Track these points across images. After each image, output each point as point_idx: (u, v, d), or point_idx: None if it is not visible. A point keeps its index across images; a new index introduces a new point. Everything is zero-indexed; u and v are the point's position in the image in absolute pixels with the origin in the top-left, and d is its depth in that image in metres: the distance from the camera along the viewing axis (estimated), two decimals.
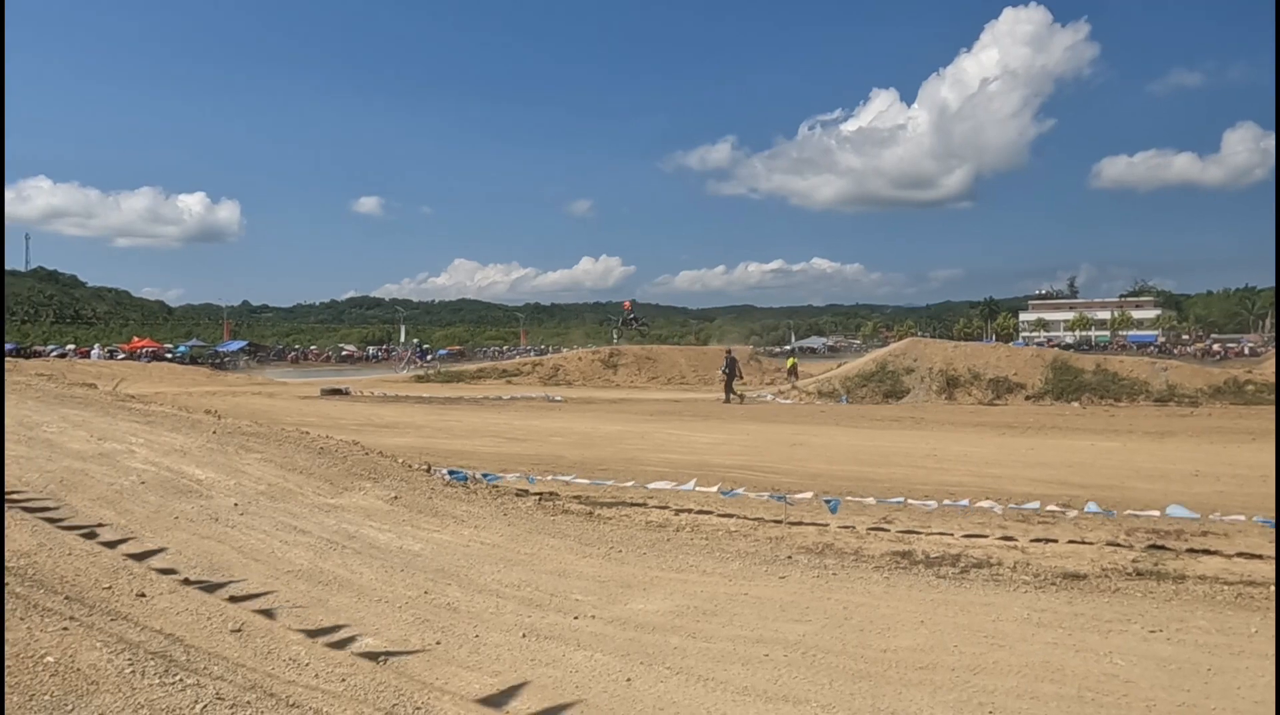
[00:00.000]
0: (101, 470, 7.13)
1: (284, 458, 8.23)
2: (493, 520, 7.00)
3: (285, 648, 4.04)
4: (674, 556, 6.19)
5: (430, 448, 12.39)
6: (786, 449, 13.54)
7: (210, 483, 7.11)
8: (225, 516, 6.27)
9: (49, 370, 19.63)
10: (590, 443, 14.22)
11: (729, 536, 6.94)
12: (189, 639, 4.06)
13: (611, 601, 5.03)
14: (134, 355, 58.56)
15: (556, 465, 10.97)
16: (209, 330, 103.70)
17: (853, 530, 7.26)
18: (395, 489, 7.61)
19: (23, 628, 4.02)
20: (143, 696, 3.41)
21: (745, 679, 3.89)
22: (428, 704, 3.51)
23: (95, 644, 3.91)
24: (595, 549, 6.30)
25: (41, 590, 4.50)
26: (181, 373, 41.32)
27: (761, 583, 5.55)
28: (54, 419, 9.12)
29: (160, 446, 8.17)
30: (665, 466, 11.09)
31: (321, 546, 5.81)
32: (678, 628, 4.58)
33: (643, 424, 17.90)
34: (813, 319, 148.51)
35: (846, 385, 27.91)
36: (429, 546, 6.04)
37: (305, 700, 3.46)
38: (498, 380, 39.76)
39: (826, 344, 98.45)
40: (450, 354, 74.14)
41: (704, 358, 42.85)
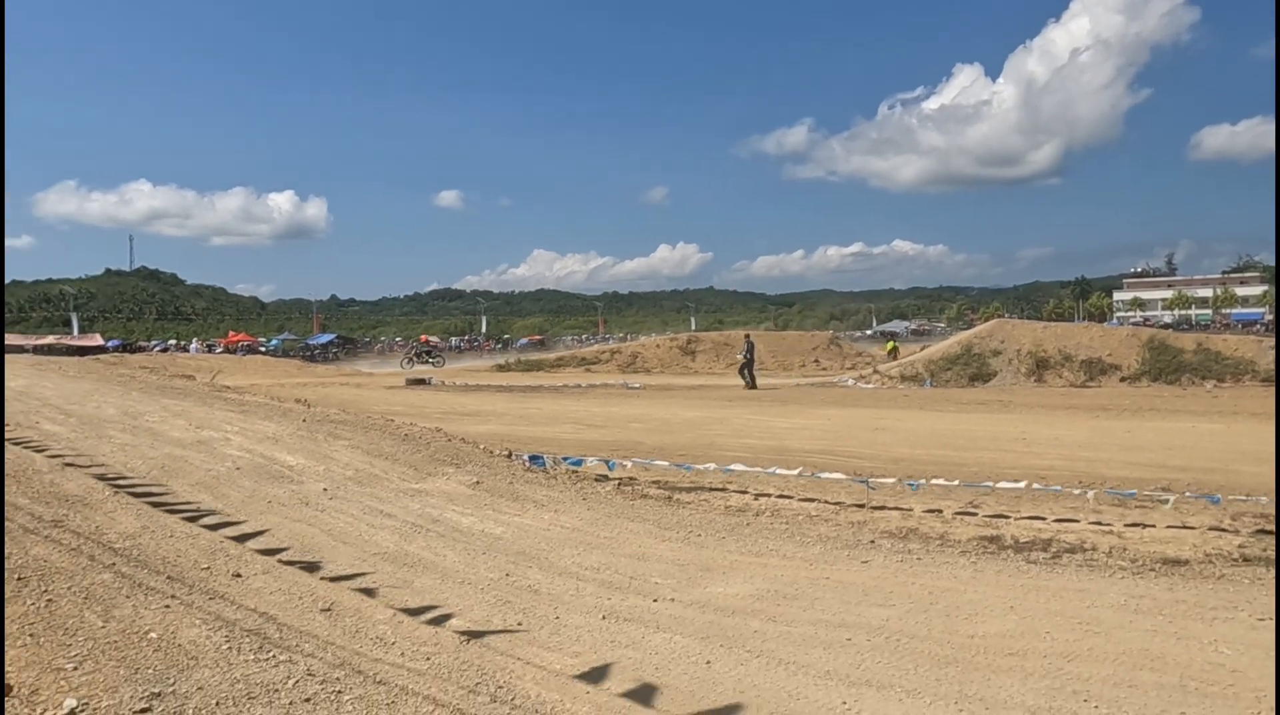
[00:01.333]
0: (200, 457, 7.44)
1: (370, 444, 8.45)
2: (572, 505, 7.05)
3: (372, 627, 4.14)
4: (753, 541, 6.14)
5: (511, 435, 12.56)
6: (868, 433, 13.30)
7: (301, 468, 7.34)
8: (315, 501, 6.47)
9: (151, 364, 20.61)
10: (669, 429, 14.21)
11: (810, 521, 6.85)
12: (281, 617, 4.20)
13: (691, 585, 5.02)
14: (230, 349, 61.05)
15: (635, 451, 10.99)
16: (300, 324, 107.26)
17: (938, 515, 7.09)
18: (477, 474, 7.74)
19: (128, 605, 4.22)
20: (239, 671, 3.54)
21: (827, 663, 3.83)
22: (510, 683, 3.56)
23: (195, 621, 4.08)
24: (674, 533, 6.29)
25: (145, 570, 4.71)
26: (274, 365, 42.85)
27: (843, 567, 5.46)
28: (156, 409, 9.55)
29: (254, 434, 8.47)
30: (744, 451, 11.02)
31: (407, 530, 5.95)
32: (758, 611, 4.54)
33: (721, 409, 17.82)
34: (895, 303, 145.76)
35: (930, 369, 27.26)
36: (510, 530, 6.13)
37: (392, 678, 3.55)
38: (576, 368, 40.10)
39: (909, 328, 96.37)
40: (529, 343, 75.06)
41: (783, 344, 42.48)
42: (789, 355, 40.60)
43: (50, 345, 42.21)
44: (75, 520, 5.48)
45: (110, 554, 4.90)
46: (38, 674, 3.40)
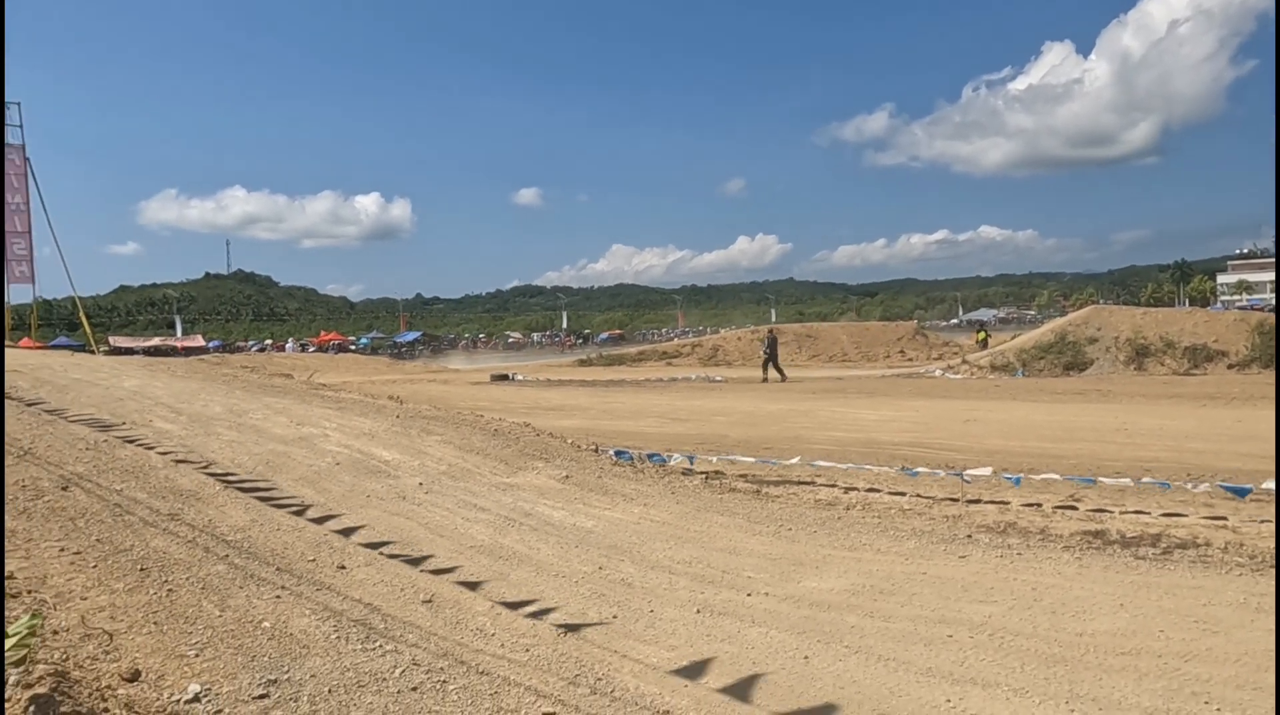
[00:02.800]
0: (301, 452, 7.71)
1: (462, 439, 8.63)
2: (661, 498, 7.08)
3: (472, 618, 4.24)
4: (845, 535, 6.06)
5: (595, 429, 12.66)
6: (959, 425, 12.98)
7: (396, 463, 7.55)
8: (411, 495, 6.65)
9: (251, 363, 21.45)
10: (753, 422, 14.13)
11: (902, 514, 6.73)
12: (385, 608, 4.32)
13: (784, 579, 4.99)
14: (322, 348, 63.12)
15: (720, 444, 10.96)
16: (387, 322, 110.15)
17: (1037, 508, 6.88)
18: (566, 468, 7.83)
19: (242, 595, 4.41)
20: (348, 660, 3.66)
21: (928, 660, 3.76)
22: (608, 675, 3.59)
23: (304, 611, 4.23)
24: (764, 527, 6.26)
25: (256, 561, 4.91)
26: (365, 362, 44.14)
27: (940, 562, 5.35)
28: (258, 407, 9.93)
29: (351, 430, 8.74)
30: (831, 444, 10.88)
31: (500, 523, 6.06)
32: (854, 606, 4.48)
33: (806, 402, 17.62)
34: (981, 290, 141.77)
35: (1022, 358, 26.46)
36: (601, 523, 6.18)
37: (493, 668, 3.62)
38: (658, 362, 40.22)
39: (997, 316, 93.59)
40: (610, 338, 75.50)
41: (866, 334, 41.79)
42: (873, 346, 39.94)
43: (157, 347, 44.37)
44: (190, 514, 5.74)
45: (223, 546, 5.13)
46: (163, 660, 3.58)
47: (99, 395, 10.41)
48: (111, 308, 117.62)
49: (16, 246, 23.60)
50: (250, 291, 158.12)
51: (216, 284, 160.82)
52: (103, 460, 6.92)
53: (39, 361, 14.96)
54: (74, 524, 5.38)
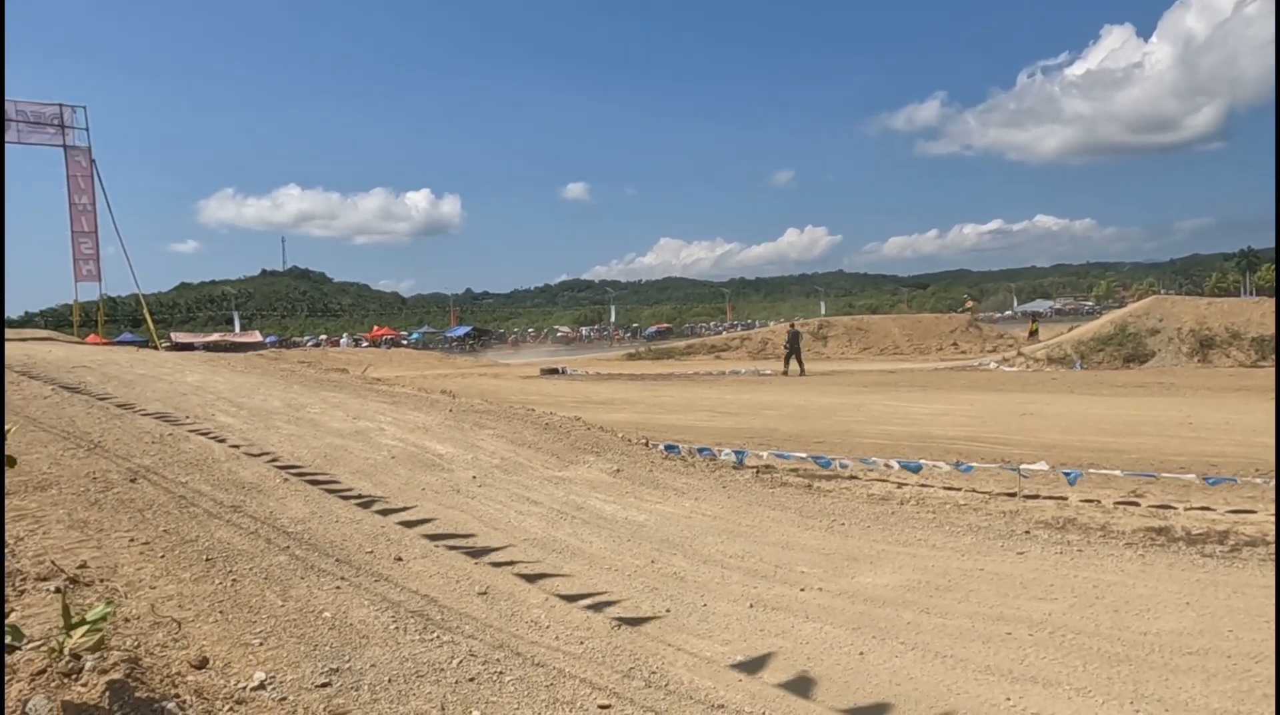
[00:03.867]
0: (358, 446, 7.85)
1: (514, 433, 8.71)
2: (712, 492, 7.07)
3: (527, 611, 4.28)
4: (900, 530, 6.00)
5: (645, 423, 12.68)
6: (1016, 419, 12.74)
7: (450, 457, 7.64)
8: (465, 488, 6.73)
9: (307, 358, 21.88)
10: (804, 416, 14.03)
11: (958, 510, 6.63)
12: (442, 600, 4.39)
13: (837, 574, 4.95)
14: (375, 343, 64.13)
15: (771, 438, 10.91)
16: (438, 317, 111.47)
17: (1097, 504, 6.73)
18: (617, 462, 7.86)
19: (303, 586, 4.51)
20: (406, 650, 3.72)
21: (987, 658, 3.70)
22: (662, 669, 3.60)
23: (363, 602, 4.31)
24: (817, 521, 6.22)
25: (316, 553, 5.02)
26: (417, 357, 44.71)
27: (997, 558, 5.27)
28: (316, 401, 10.13)
29: (405, 424, 8.88)
30: (884, 438, 10.76)
31: (553, 516, 6.11)
32: (909, 602, 4.43)
33: (857, 395, 17.45)
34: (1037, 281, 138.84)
35: (1080, 350, 25.85)
36: (652, 517, 6.20)
37: (548, 660, 3.65)
38: (706, 356, 40.10)
39: (1053, 307, 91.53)
40: (658, 332, 75.50)
41: (918, 327, 41.20)
42: (925, 338, 39.38)
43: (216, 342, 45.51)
44: (252, 505, 5.89)
45: (284, 537, 5.25)
46: (229, 648, 3.68)
47: (163, 390, 10.71)
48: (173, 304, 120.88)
49: (83, 246, 24.37)
50: (305, 287, 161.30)
51: (273, 280, 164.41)
52: (168, 453, 7.12)
53: (106, 357, 15.45)
54: (142, 515, 5.55)
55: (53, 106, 23.80)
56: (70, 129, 23.93)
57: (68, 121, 23.93)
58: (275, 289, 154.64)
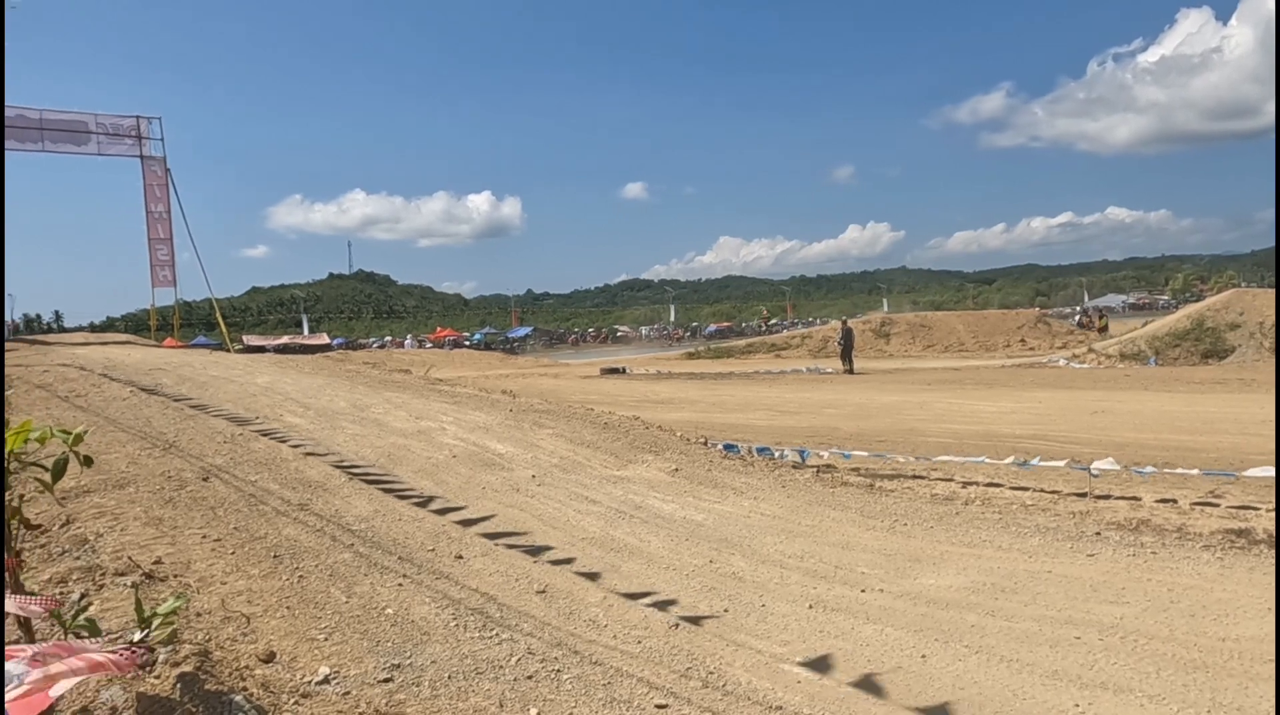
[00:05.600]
0: (420, 446, 7.97)
1: (573, 433, 8.76)
2: (771, 492, 7.01)
3: (585, 609, 4.30)
4: (964, 531, 5.87)
5: (704, 422, 12.65)
6: (1086, 417, 12.39)
7: (510, 456, 7.72)
8: (525, 487, 6.79)
9: (373, 359, 22.33)
10: (866, 414, 13.84)
11: (1025, 510, 6.46)
12: (501, 597, 4.43)
13: (900, 575, 4.87)
14: (438, 344, 65.14)
15: (831, 437, 10.79)
16: (499, 318, 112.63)
17: (1173, 505, 6.50)
18: (676, 461, 7.85)
19: (366, 583, 4.59)
20: (466, 648, 3.77)
21: (1055, 662, 3.60)
22: (720, 669, 3.58)
23: (424, 599, 4.38)
24: (878, 522, 6.12)
25: (379, 550, 5.11)
26: (479, 357, 45.26)
27: (1066, 560, 5.12)
28: (379, 401, 10.33)
29: (466, 424, 8.99)
30: (948, 437, 10.56)
31: (611, 515, 6.12)
32: (974, 605, 4.34)
33: (920, 393, 17.15)
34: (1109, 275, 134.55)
35: (1154, 346, 25.04)
36: (711, 517, 6.17)
37: (606, 659, 3.66)
38: (766, 354, 39.84)
39: (1126, 302, 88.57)
40: (718, 330, 75.21)
41: (985, 323, 40.29)
42: (991, 335, 38.51)
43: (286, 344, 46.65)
44: (318, 504, 6.03)
45: (349, 535, 5.36)
46: (295, 642, 3.77)
47: (235, 391, 11.03)
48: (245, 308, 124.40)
49: (160, 252, 25.25)
50: (370, 290, 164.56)
51: (339, 284, 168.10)
52: (239, 452, 7.33)
53: (181, 360, 15.97)
54: (214, 513, 5.72)
55: (130, 118, 24.71)
56: (146, 139, 24.82)
57: (144, 132, 24.82)
58: (342, 292, 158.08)
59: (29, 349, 19.40)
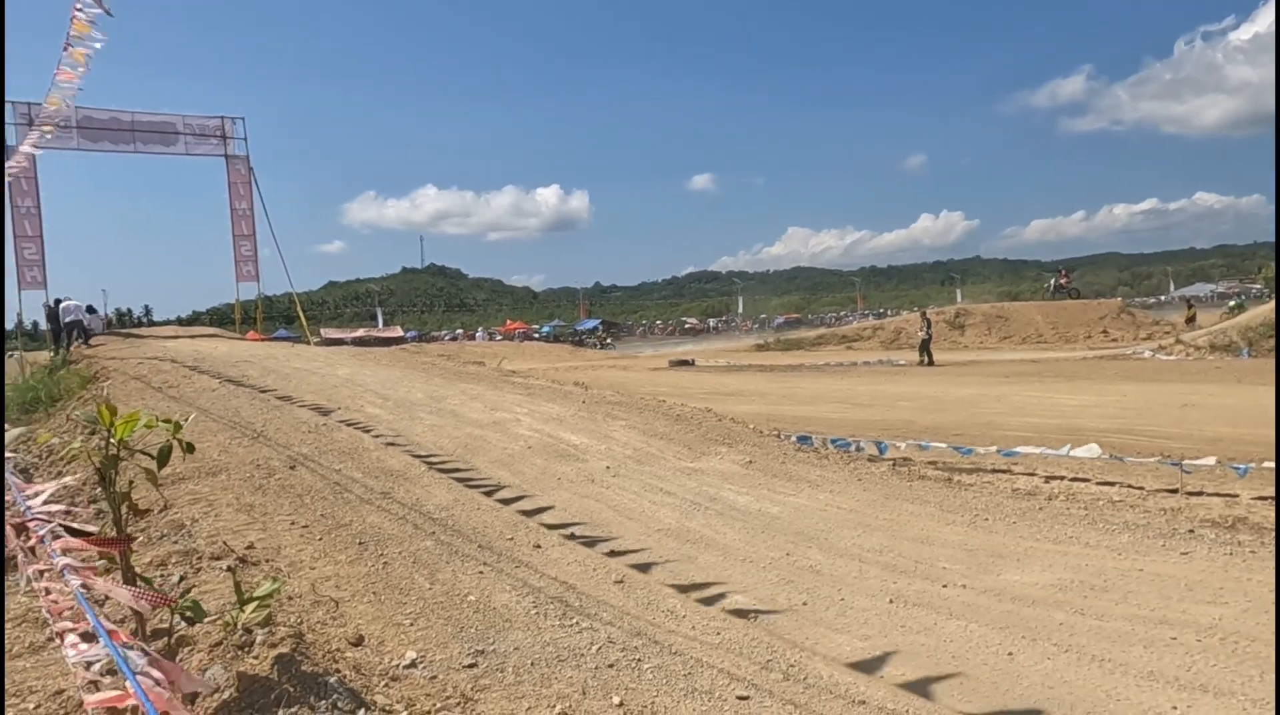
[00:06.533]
0: (495, 436, 8.09)
1: (645, 424, 8.79)
2: (847, 485, 6.93)
3: (663, 600, 4.31)
4: (1049, 526, 5.72)
5: (775, 414, 12.55)
6: (1175, 411, 11.93)
7: (584, 447, 7.78)
8: (599, 478, 6.84)
9: (446, 352, 22.74)
10: (941, 407, 13.56)
11: (1112, 506, 6.26)
12: (580, 587, 4.48)
13: (982, 571, 4.77)
14: (508, 336, 65.99)
15: (907, 430, 10.60)
16: (567, 311, 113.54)
17: (1272, 502, 6.22)
18: (749, 454, 7.81)
19: (448, 570, 4.69)
20: (548, 635, 3.82)
21: (1149, 663, 3.48)
22: (800, 662, 3.56)
23: (505, 587, 4.45)
24: (958, 516, 6.00)
25: (460, 538, 5.21)
26: (548, 350, 45.73)
27: (1158, 558, 4.94)
28: (455, 393, 10.51)
29: (540, 415, 9.09)
30: (1028, 431, 10.28)
31: (686, 507, 6.13)
32: (1062, 603, 4.22)
33: (998, 386, 16.74)
34: (1196, 263, 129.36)
35: (1248, 337, 23.94)
36: (786, 510, 6.13)
37: (686, 649, 3.67)
38: (837, 346, 39.36)
39: (1215, 291, 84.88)
40: (787, 322, 74.54)
41: (1064, 313, 39.06)
42: (1071, 326, 37.32)
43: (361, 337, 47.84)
44: (399, 492, 6.17)
45: (430, 523, 5.48)
46: (382, 627, 3.87)
47: (317, 382, 11.35)
48: (321, 302, 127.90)
49: (243, 248, 26.12)
50: (442, 284, 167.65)
51: (412, 278, 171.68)
52: (323, 442, 7.54)
53: (265, 352, 16.49)
54: (301, 500, 5.91)
55: (215, 119, 25.59)
56: (231, 139, 25.68)
57: (229, 132, 25.68)
58: (414, 286, 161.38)
59: (122, 342, 20.25)
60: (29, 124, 21.26)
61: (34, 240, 22.70)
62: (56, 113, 13.63)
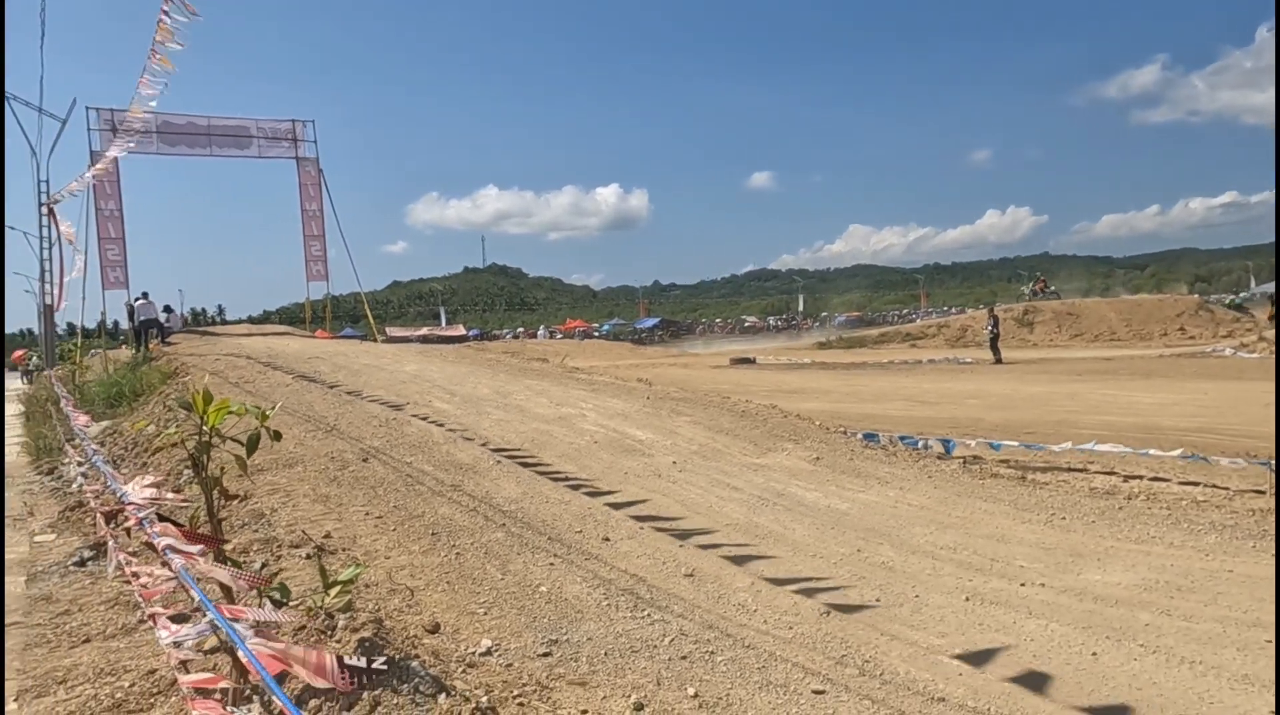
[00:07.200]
0: (561, 431, 8.15)
1: (710, 420, 8.77)
2: (917, 482, 6.82)
3: (733, 594, 4.30)
4: (1129, 526, 5.55)
5: (840, 412, 12.42)
6: (1259, 409, 11.47)
7: (649, 443, 7.80)
8: (666, 473, 6.84)
9: (509, 349, 22.99)
10: (1011, 405, 13.27)
11: (1196, 507, 6.05)
12: (650, 579, 4.48)
13: (1061, 570, 4.65)
14: (569, 334, 66.46)
15: (975, 428, 10.39)
16: (626, 309, 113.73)
17: None
18: (816, 450, 7.74)
19: (519, 561, 4.74)
20: (620, 627, 3.83)
21: (1244, 666, 3.36)
22: (875, 658, 3.52)
23: (576, 578, 4.48)
24: (1034, 515, 5.86)
25: (529, 530, 5.26)
26: (609, 348, 45.94)
27: (1248, 559, 4.76)
28: (520, 389, 10.62)
29: (605, 411, 9.13)
30: (1103, 429, 9.99)
31: (753, 502, 6.10)
32: (1147, 603, 4.09)
33: (1070, 384, 16.32)
34: None
35: None
36: (855, 506, 6.06)
37: (759, 643, 3.65)
38: (900, 344, 38.79)
39: None
40: (848, 320, 73.63)
41: (1138, 310, 37.87)
42: (1146, 323, 36.19)
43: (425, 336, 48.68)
44: (469, 485, 6.26)
45: (500, 515, 5.54)
46: (456, 616, 3.93)
47: (385, 378, 11.57)
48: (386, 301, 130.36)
49: (313, 248, 26.77)
50: (503, 283, 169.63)
51: (474, 277, 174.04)
52: (394, 436, 7.69)
53: (335, 349, 16.88)
54: (374, 491, 6.03)
55: (287, 123, 26.26)
56: (301, 142, 26.34)
57: (299, 135, 26.34)
58: (476, 285, 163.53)
59: (199, 340, 20.92)
60: (111, 130, 22.10)
61: (117, 242, 23.57)
62: (138, 120, 14.16)
